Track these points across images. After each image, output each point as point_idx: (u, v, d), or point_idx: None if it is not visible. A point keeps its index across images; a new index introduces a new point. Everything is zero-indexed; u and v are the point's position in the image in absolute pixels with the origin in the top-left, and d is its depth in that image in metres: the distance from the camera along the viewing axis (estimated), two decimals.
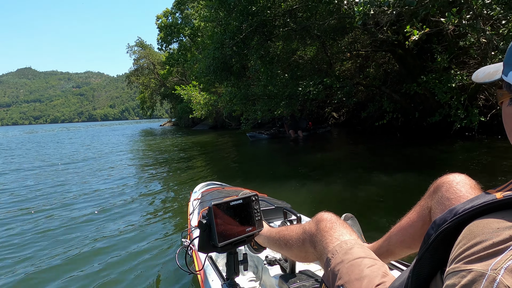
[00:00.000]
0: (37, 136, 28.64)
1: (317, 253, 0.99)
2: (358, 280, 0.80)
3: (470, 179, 0.94)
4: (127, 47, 34.98)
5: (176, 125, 35.86)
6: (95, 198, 4.73)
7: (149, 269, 2.42)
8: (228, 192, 2.43)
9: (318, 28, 9.73)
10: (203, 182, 3.17)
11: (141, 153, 11.13)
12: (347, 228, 0.99)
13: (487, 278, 0.37)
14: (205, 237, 1.16)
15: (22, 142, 19.94)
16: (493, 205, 0.46)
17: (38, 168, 7.96)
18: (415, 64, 8.55)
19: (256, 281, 1.59)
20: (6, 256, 2.89)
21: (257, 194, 1.34)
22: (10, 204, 4.65)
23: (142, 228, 3.32)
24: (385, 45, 8.70)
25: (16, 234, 3.40)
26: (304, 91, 8.66)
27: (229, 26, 8.80)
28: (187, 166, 7.47)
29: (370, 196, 3.95)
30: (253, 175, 5.96)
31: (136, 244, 2.91)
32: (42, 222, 3.76)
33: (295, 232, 1.11)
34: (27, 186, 5.84)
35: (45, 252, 2.91)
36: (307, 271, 1.34)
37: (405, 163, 5.92)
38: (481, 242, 0.41)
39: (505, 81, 0.53)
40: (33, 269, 2.58)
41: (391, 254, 1.09)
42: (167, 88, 32.69)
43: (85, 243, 3.03)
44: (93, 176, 6.61)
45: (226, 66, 9.77)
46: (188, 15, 25.94)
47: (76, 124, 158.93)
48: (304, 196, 4.12)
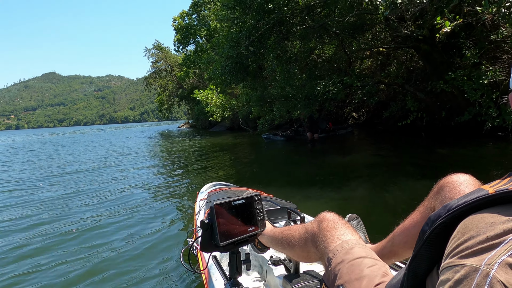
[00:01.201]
0: (61, 138, 29.36)
1: (318, 252, 0.98)
2: (357, 280, 0.79)
3: (475, 179, 0.93)
4: (145, 50, 35.51)
5: (194, 126, 36.04)
6: (108, 197, 4.87)
7: (155, 268, 2.44)
8: (234, 193, 2.40)
9: (336, 26, 9.40)
10: (210, 183, 3.16)
11: (158, 155, 11.09)
12: (349, 228, 0.98)
13: (480, 273, 0.37)
14: (207, 236, 1.16)
15: (62, 144, 20.44)
16: (486, 200, 0.46)
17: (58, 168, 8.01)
18: (441, 60, 8.07)
19: (260, 281, 1.59)
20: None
21: (260, 194, 1.33)
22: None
23: (151, 227, 3.35)
24: (409, 41, 8.27)
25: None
26: (323, 91, 8.33)
27: (245, 25, 8.57)
28: (200, 167, 7.34)
29: (394, 204, 3.62)
30: (266, 178, 5.77)
31: (144, 243, 2.94)
32: (47, 219, 3.84)
33: (297, 232, 1.10)
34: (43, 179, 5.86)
35: (49, 248, 2.95)
36: (311, 271, 1.34)
37: (433, 166, 5.52)
38: (475, 236, 0.41)
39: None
40: (38, 266, 2.62)
41: (394, 255, 1.09)
42: (184, 90, 32.90)
43: (91, 241, 3.07)
44: (110, 176, 6.69)
45: (242, 66, 9.52)
46: (204, 17, 25.99)
47: (97, 126, 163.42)
48: (316, 202, 3.85)
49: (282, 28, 8.95)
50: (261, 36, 8.64)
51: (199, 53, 25.07)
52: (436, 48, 8.14)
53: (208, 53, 19.84)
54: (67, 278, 2.38)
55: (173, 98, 37.59)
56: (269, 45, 9.18)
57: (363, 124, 14.18)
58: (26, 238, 3.26)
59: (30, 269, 2.58)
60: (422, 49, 8.28)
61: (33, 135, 48.78)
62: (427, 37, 7.58)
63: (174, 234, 3.11)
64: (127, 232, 3.26)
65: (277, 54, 9.61)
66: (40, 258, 2.78)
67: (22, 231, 3.51)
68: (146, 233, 3.18)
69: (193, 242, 1.39)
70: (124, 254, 2.73)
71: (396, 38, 9.13)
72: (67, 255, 2.79)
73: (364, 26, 9.57)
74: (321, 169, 6.18)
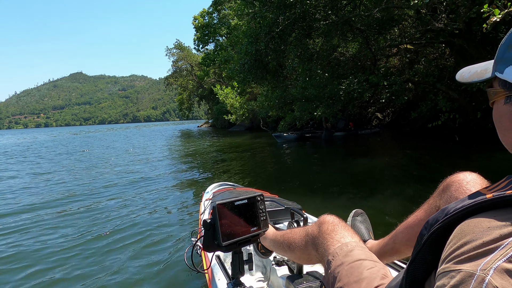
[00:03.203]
0: (89, 136, 30.08)
1: (319, 255, 0.97)
2: (356, 283, 0.77)
3: (482, 178, 0.91)
4: (166, 49, 35.80)
5: (213, 126, 36.05)
6: (119, 192, 5.08)
7: (159, 266, 2.46)
8: (239, 193, 2.38)
9: (361, 22, 8.89)
10: (215, 183, 3.16)
11: (173, 155, 10.93)
12: (349, 230, 0.96)
13: (476, 278, 0.37)
14: (210, 236, 1.16)
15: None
16: (483, 205, 0.45)
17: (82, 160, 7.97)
18: (478, 56, 7.41)
19: (264, 281, 1.59)
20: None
21: (263, 194, 1.33)
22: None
23: (157, 226, 3.37)
24: (442, 35, 7.65)
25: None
26: (347, 90, 7.85)
27: (265, 20, 8.18)
28: (214, 169, 7.12)
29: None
30: (279, 180, 5.57)
31: (149, 242, 2.96)
32: (53, 215, 3.96)
33: (298, 234, 1.09)
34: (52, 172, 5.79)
35: (52, 245, 3.02)
36: (315, 272, 1.33)
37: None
38: (471, 241, 0.41)
39: (500, 78, 0.51)
40: (46, 263, 2.67)
41: (396, 252, 1.08)
42: (204, 89, 32.93)
43: (97, 238, 3.12)
44: (125, 172, 6.74)
45: (261, 64, 9.14)
46: (225, 16, 25.82)
47: (121, 125, 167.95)
48: (331, 209, 3.44)
49: (304, 23, 8.52)
50: (281, 32, 8.25)
51: (219, 52, 24.94)
52: (473, 43, 7.49)
53: (227, 51, 19.63)
54: (71, 275, 2.42)
55: (193, 97, 37.75)
56: (290, 42, 8.77)
57: (388, 125, 13.54)
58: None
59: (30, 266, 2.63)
60: (456, 45, 7.65)
61: (74, 132, 50.51)
62: (462, 31, 6.96)
63: (179, 234, 3.12)
64: (133, 230, 3.29)
65: (299, 52, 9.18)
66: (54, 256, 2.80)
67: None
68: (152, 232, 3.20)
69: (196, 241, 1.38)
70: (129, 252, 2.76)
71: (427, 33, 8.51)
72: (67, 253, 2.82)
73: (391, 22, 9.02)
74: (338, 173, 5.76)
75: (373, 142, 10.46)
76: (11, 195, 5.30)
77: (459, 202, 0.49)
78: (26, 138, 34.38)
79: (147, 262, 2.55)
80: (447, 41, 7.94)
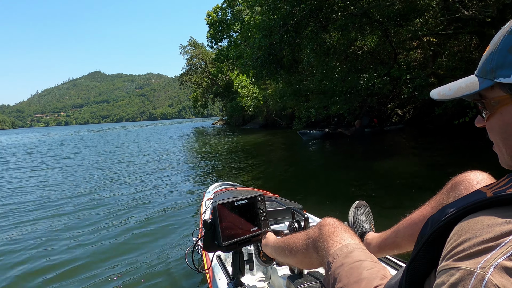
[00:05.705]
0: (114, 134, 30.49)
1: (319, 257, 0.96)
2: (356, 283, 0.77)
3: (492, 178, 0.89)
4: (180, 47, 35.78)
5: (228, 123, 35.87)
6: (125, 190, 5.08)
7: (160, 266, 2.45)
8: (240, 193, 2.35)
9: (381, 13, 8.38)
10: (216, 182, 3.12)
11: (185, 153, 10.75)
12: (349, 232, 0.95)
13: (475, 276, 0.36)
14: (210, 236, 1.16)
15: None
16: (484, 203, 0.45)
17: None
18: None
19: (265, 281, 1.59)
20: None
21: (263, 194, 1.32)
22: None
23: (159, 226, 3.36)
24: (470, 25, 7.09)
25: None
26: (367, 84, 7.39)
27: (279, 12, 7.77)
28: (225, 168, 6.88)
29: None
30: (297, 183, 5.25)
31: (151, 241, 2.96)
32: (55, 213, 4.01)
33: (299, 238, 1.08)
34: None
35: (53, 243, 3.01)
36: (315, 272, 1.31)
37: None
38: (471, 238, 0.40)
39: (503, 84, 0.48)
40: (38, 266, 2.62)
41: (397, 246, 1.08)
42: (218, 87, 32.73)
43: (97, 236, 3.11)
44: (137, 172, 6.81)
45: (275, 58, 8.75)
46: (239, 11, 25.48)
47: (139, 122, 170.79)
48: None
49: (321, 15, 8.09)
50: (297, 25, 7.84)
51: (232, 47, 24.65)
52: None
53: (240, 46, 19.30)
54: (70, 273, 2.41)
55: (207, 94, 37.63)
56: (305, 35, 8.35)
57: (408, 122, 12.95)
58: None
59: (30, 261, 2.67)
60: (486, 34, 7.07)
61: (97, 129, 51.61)
62: (495, 19, 6.40)
63: (181, 234, 3.11)
64: (134, 228, 3.29)
65: (314, 46, 8.76)
66: (52, 255, 2.79)
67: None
68: (153, 231, 3.21)
69: (196, 241, 1.38)
70: (130, 250, 2.75)
71: (453, 23, 7.94)
72: (67, 250, 2.83)
73: (412, 13, 8.48)
74: (365, 176, 5.39)
75: (399, 139, 9.95)
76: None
77: (460, 201, 0.49)
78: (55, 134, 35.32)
79: (148, 261, 2.54)
80: (477, 31, 7.37)
